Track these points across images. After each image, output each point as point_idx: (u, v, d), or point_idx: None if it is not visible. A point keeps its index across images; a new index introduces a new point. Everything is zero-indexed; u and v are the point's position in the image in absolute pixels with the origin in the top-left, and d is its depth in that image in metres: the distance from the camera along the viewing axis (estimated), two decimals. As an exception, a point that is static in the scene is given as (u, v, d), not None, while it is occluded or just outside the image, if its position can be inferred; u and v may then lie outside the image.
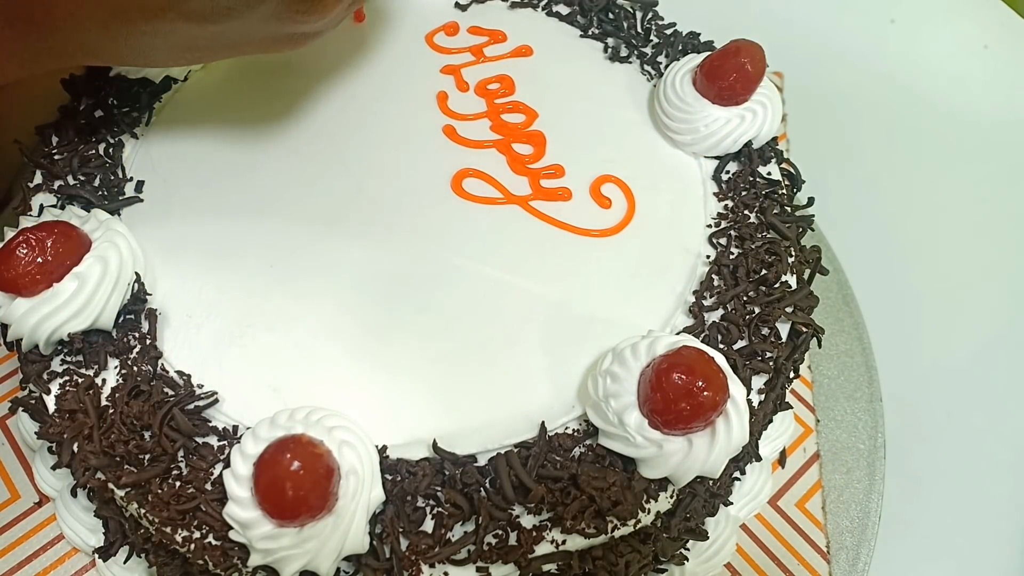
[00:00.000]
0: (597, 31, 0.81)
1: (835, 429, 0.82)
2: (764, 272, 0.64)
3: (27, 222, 0.60)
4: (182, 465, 0.55)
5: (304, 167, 0.71)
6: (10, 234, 0.59)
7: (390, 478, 0.55)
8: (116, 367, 0.59)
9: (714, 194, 0.71)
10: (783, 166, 0.73)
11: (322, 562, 0.51)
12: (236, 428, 0.57)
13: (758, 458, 0.74)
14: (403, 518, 0.54)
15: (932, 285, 0.98)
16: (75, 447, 0.56)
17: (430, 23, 0.81)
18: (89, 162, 0.69)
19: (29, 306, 0.57)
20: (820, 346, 0.70)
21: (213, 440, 0.57)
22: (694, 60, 0.73)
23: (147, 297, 0.62)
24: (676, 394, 0.52)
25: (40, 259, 0.57)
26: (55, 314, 0.57)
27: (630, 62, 0.79)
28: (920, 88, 1.15)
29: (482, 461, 0.56)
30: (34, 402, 0.60)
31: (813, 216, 0.70)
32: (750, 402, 0.57)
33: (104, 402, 0.58)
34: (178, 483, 0.54)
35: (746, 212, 0.69)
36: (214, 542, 0.53)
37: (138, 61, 0.60)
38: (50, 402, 0.58)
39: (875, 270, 0.94)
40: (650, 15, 0.81)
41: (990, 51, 1.21)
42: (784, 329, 0.63)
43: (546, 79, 0.77)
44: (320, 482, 0.49)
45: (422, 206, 0.69)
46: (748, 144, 0.72)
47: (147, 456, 0.55)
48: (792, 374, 0.66)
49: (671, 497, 0.57)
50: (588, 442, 0.57)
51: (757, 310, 0.63)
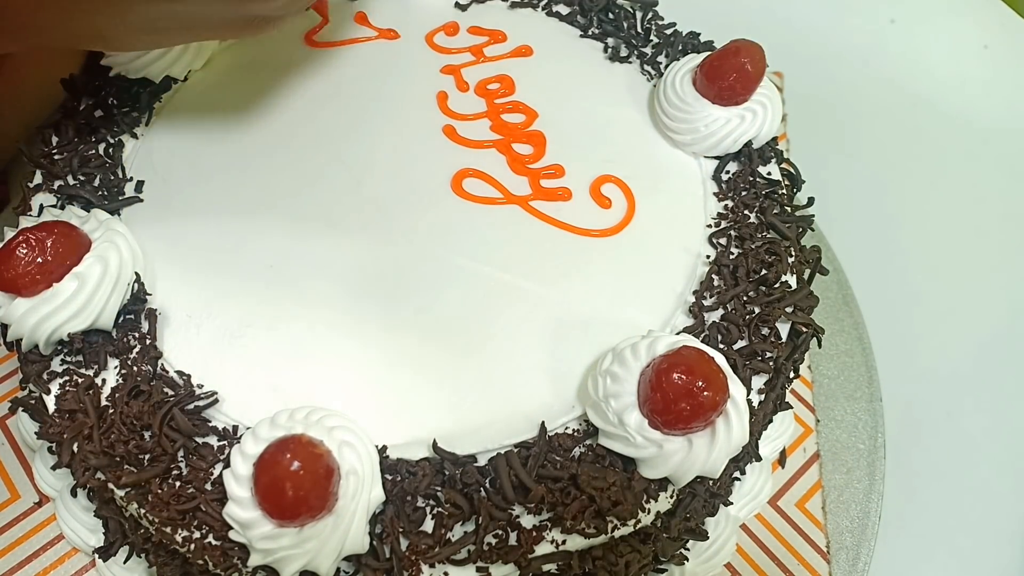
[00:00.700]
0: (597, 31, 0.81)
1: (835, 429, 0.82)
2: (764, 272, 0.64)
3: (27, 222, 0.60)
4: (182, 465, 0.55)
5: (304, 167, 0.71)
6: (10, 234, 0.59)
7: (390, 478, 0.55)
8: (116, 367, 0.59)
9: (714, 194, 0.71)
10: (783, 166, 0.73)
11: (322, 562, 0.51)
12: (236, 428, 0.57)
13: (758, 458, 0.74)
14: (403, 518, 0.54)
15: (932, 285, 0.98)
16: (75, 447, 0.56)
17: (430, 23, 0.81)
18: (89, 162, 0.69)
19: (29, 306, 0.57)
20: (820, 346, 0.70)
21: (213, 440, 0.57)
22: (694, 60, 0.73)
23: (147, 297, 0.62)
24: (676, 394, 0.52)
25: (40, 259, 0.57)
26: (55, 314, 0.57)
27: (630, 62, 0.79)
28: (920, 88, 1.15)
29: (482, 461, 0.56)
30: (34, 402, 0.60)
31: (813, 216, 0.70)
32: (750, 402, 0.57)
33: (104, 402, 0.58)
34: (178, 483, 0.54)
35: (746, 212, 0.69)
36: (214, 542, 0.53)
37: (96, 44, 0.59)
38: (50, 402, 0.58)
39: (875, 270, 0.94)
40: (650, 15, 0.81)
41: (990, 51, 1.21)
42: (784, 329, 0.63)
43: (546, 79, 0.77)
44: (320, 482, 0.49)
45: (422, 206, 0.69)
46: (748, 144, 0.72)
47: (147, 456, 0.55)
48: (792, 374, 0.66)
49: (671, 497, 0.57)
50: (588, 442, 0.57)
51: (757, 310, 0.63)
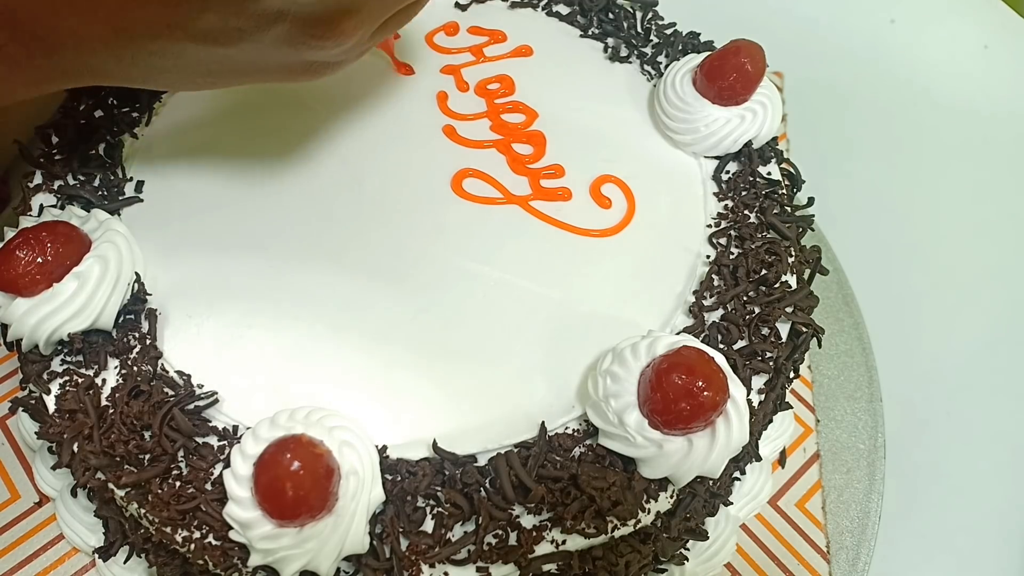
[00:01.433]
0: (597, 31, 0.81)
1: (835, 429, 0.82)
2: (764, 272, 0.64)
3: (27, 222, 0.60)
4: (182, 465, 0.55)
5: (304, 167, 0.71)
6: (10, 234, 0.59)
7: (390, 478, 0.55)
8: (116, 367, 0.59)
9: (714, 194, 0.71)
10: (783, 166, 0.73)
11: (322, 562, 0.51)
12: (236, 428, 0.57)
13: (758, 458, 0.74)
14: (403, 518, 0.54)
15: (932, 285, 0.98)
16: (75, 447, 0.56)
17: (430, 23, 0.81)
18: (89, 162, 0.69)
19: (29, 306, 0.57)
20: (820, 346, 0.70)
21: (213, 440, 0.57)
22: (694, 60, 0.73)
23: (147, 297, 0.62)
24: (676, 394, 0.52)
25: (40, 259, 0.57)
26: (55, 314, 0.57)
27: (630, 62, 0.79)
28: (920, 88, 1.15)
29: (482, 461, 0.56)
30: (34, 402, 0.60)
31: (813, 216, 0.70)
32: (750, 402, 0.57)
33: (104, 402, 0.58)
34: (178, 483, 0.54)
35: (746, 212, 0.69)
36: (214, 542, 0.53)
37: (148, 84, 0.57)
38: (50, 402, 0.58)
39: (875, 270, 0.94)
40: (650, 15, 0.81)
41: (990, 51, 1.21)
42: (784, 329, 0.63)
43: (546, 79, 0.77)
44: (320, 482, 0.49)
45: (422, 206, 0.69)
46: (748, 144, 0.72)
47: (147, 456, 0.55)
48: (792, 374, 0.66)
49: (671, 497, 0.57)
50: (588, 442, 0.57)
51: (757, 310, 0.63)
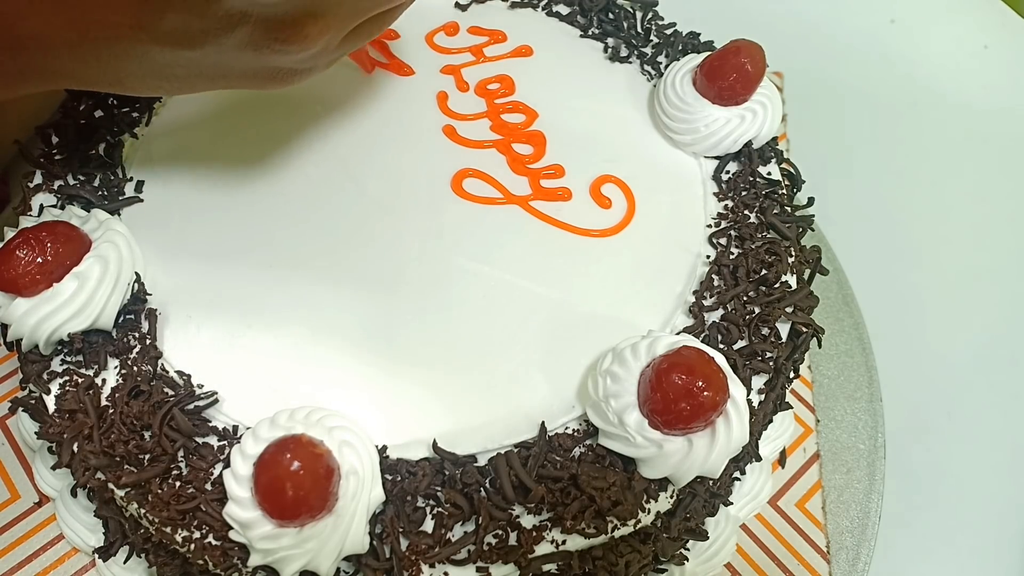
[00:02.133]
0: (597, 31, 0.81)
1: (835, 429, 0.82)
2: (764, 272, 0.64)
3: (27, 222, 0.60)
4: (182, 465, 0.55)
5: (304, 167, 0.71)
6: (10, 234, 0.59)
7: (390, 478, 0.55)
8: (116, 367, 0.59)
9: (714, 194, 0.70)
10: (783, 166, 0.73)
11: (322, 562, 0.51)
12: (236, 428, 0.57)
13: (758, 458, 0.74)
14: (403, 518, 0.54)
15: (932, 285, 0.98)
16: (75, 447, 0.56)
17: (430, 23, 0.81)
18: (89, 162, 0.69)
19: (29, 306, 0.57)
20: (820, 346, 0.70)
21: (213, 440, 0.57)
22: (694, 60, 0.73)
23: (147, 297, 0.62)
24: (676, 394, 0.52)
25: (40, 259, 0.57)
26: (55, 314, 0.57)
27: (630, 62, 0.79)
28: (920, 88, 1.15)
29: (482, 461, 0.56)
30: (34, 402, 0.60)
31: (813, 216, 0.70)
32: (750, 402, 0.57)
33: (104, 402, 0.58)
34: (178, 483, 0.54)
35: (746, 212, 0.69)
36: (214, 542, 0.53)
37: (115, 87, 0.56)
38: (50, 402, 0.58)
39: (875, 270, 0.94)
40: (650, 15, 0.81)
41: (990, 51, 1.21)
42: (784, 329, 0.63)
43: (546, 79, 0.77)
44: (320, 482, 0.49)
45: (422, 206, 0.69)
46: (748, 144, 0.72)
47: (147, 456, 0.55)
48: (792, 374, 0.66)
49: (671, 497, 0.57)
50: (588, 442, 0.57)
51: (757, 310, 0.62)
